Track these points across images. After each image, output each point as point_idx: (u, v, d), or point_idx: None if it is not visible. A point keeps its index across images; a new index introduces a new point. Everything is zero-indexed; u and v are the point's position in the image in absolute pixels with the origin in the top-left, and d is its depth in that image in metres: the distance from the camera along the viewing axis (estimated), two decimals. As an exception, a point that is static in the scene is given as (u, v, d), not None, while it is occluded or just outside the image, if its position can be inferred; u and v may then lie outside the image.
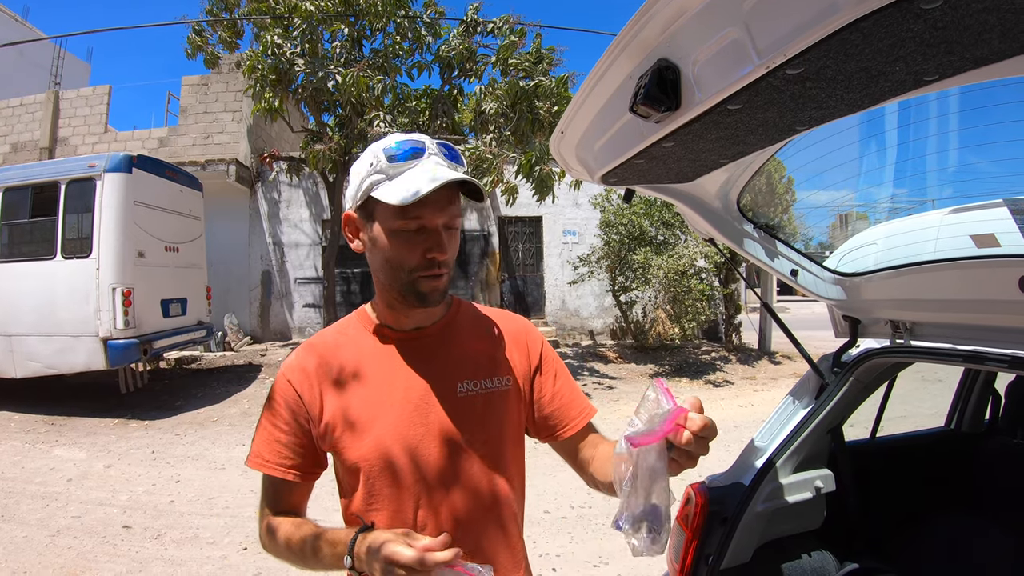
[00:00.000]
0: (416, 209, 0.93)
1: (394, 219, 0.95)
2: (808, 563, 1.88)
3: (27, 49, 16.30)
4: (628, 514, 0.82)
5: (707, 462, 0.88)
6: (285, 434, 1.03)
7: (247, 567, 3.39)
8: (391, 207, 0.94)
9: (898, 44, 0.67)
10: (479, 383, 1.07)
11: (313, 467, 1.06)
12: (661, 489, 0.81)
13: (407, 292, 1.00)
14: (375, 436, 1.00)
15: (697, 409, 0.81)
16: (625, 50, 0.92)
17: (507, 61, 8.33)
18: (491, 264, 12.17)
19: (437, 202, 0.94)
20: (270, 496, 1.06)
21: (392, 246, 0.97)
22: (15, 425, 6.55)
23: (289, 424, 1.03)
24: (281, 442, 1.03)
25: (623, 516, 0.82)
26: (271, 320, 12.13)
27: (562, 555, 3.51)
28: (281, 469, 1.03)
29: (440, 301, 1.03)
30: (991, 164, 1.61)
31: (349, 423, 1.00)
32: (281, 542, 1.01)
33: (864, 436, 2.37)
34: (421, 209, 0.93)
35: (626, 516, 0.82)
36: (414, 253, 0.97)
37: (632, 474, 0.81)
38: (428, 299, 1.00)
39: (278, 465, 1.03)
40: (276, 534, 1.02)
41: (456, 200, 0.99)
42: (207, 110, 11.76)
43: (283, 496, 1.06)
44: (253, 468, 1.04)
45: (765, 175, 1.67)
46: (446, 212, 0.96)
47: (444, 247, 0.97)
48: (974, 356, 1.50)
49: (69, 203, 6.89)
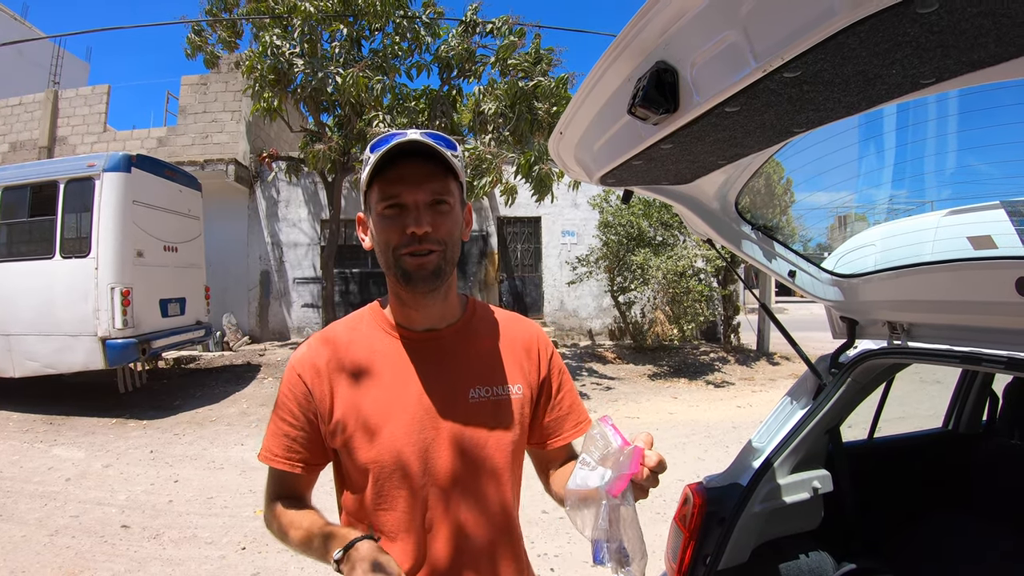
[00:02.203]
0: (393, 186, 0.97)
1: (379, 202, 0.99)
2: (806, 563, 1.89)
3: (26, 48, 16.29)
4: (607, 551, 0.85)
5: (705, 462, 0.90)
6: (292, 427, 1.04)
7: (245, 566, 3.39)
8: (377, 193, 0.98)
9: (895, 48, 0.68)
10: (490, 390, 1.07)
11: (320, 459, 1.07)
12: (633, 520, 0.85)
13: (396, 272, 1.01)
14: (387, 439, 1.00)
15: (649, 445, 0.87)
16: (624, 52, 0.92)
17: (506, 61, 8.33)
18: (490, 264, 12.17)
19: (412, 178, 0.97)
20: (276, 485, 1.08)
21: (379, 229, 1.00)
22: (13, 424, 6.54)
23: (297, 418, 1.04)
24: (289, 436, 1.04)
25: (602, 553, 0.85)
26: (270, 320, 12.12)
27: (560, 555, 3.52)
28: (288, 463, 1.04)
29: (431, 282, 1.00)
30: (990, 166, 1.62)
31: (361, 423, 1.01)
32: (284, 525, 1.03)
33: (862, 437, 2.38)
34: (397, 186, 0.97)
35: (606, 552, 0.85)
36: (395, 231, 0.98)
37: (607, 517, 0.84)
38: (413, 277, 0.99)
39: (285, 459, 1.04)
40: (280, 518, 1.04)
41: (438, 177, 0.99)
42: (206, 110, 11.76)
43: (288, 486, 1.08)
44: (262, 462, 1.05)
45: (764, 177, 1.68)
46: (424, 188, 0.97)
47: (420, 221, 0.96)
48: (971, 357, 1.51)
49: (68, 202, 6.88)
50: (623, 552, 0.84)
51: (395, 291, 1.07)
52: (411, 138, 0.95)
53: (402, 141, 0.95)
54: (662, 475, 0.86)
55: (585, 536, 0.87)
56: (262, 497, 1.11)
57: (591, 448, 0.89)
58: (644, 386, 8.74)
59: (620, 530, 0.84)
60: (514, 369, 1.12)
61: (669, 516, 1.87)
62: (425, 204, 0.98)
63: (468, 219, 1.10)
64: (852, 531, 2.05)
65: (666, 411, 7.25)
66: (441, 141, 0.99)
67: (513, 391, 1.10)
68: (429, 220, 0.97)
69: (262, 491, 1.12)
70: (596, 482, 0.86)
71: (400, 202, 0.98)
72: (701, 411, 7.25)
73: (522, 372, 1.12)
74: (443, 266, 1.01)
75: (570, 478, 0.90)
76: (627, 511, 0.84)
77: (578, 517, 0.88)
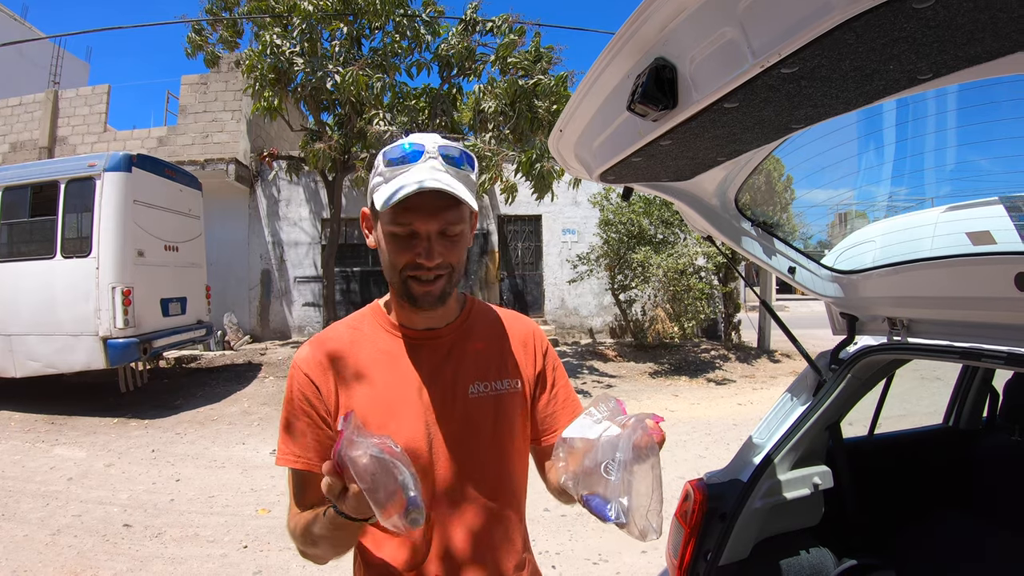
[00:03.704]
0: (406, 215, 0.95)
1: (389, 222, 0.97)
2: (806, 559, 1.89)
3: (26, 48, 16.30)
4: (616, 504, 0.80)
5: (706, 459, 0.89)
6: (306, 425, 1.02)
7: (247, 565, 3.40)
8: (388, 213, 0.95)
9: (891, 43, 0.68)
10: (490, 384, 1.09)
11: None
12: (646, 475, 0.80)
13: (401, 292, 1.02)
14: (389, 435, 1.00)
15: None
16: (623, 49, 0.92)
17: (506, 60, 8.34)
18: (490, 263, 12.17)
19: (426, 208, 0.94)
20: (298, 489, 1.03)
21: (387, 247, 1.00)
22: (15, 424, 6.55)
23: (309, 415, 1.02)
24: (305, 434, 1.02)
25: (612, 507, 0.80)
26: (271, 319, 12.13)
27: (562, 553, 3.52)
28: (305, 461, 1.01)
29: (436, 305, 1.02)
30: (988, 162, 1.62)
31: (364, 421, 1.00)
32: (300, 528, 0.98)
33: (863, 434, 2.38)
34: (411, 215, 0.95)
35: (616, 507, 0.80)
36: (404, 256, 0.98)
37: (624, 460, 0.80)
38: (419, 302, 1.01)
39: (304, 458, 1.01)
40: (296, 523, 0.99)
41: (453, 207, 0.97)
42: (206, 109, 11.76)
43: (308, 489, 1.02)
44: (279, 465, 1.03)
45: (764, 174, 1.68)
46: (438, 219, 0.96)
47: (431, 254, 0.96)
48: (970, 353, 1.51)
49: (69, 202, 6.89)
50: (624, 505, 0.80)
51: (397, 297, 1.08)
52: (431, 187, 0.91)
53: (424, 189, 0.91)
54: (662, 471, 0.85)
55: (569, 489, 0.86)
56: (263, 496, 1.10)
57: (600, 406, 0.88)
58: (645, 384, 8.75)
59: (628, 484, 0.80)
60: (512, 364, 1.13)
61: (670, 512, 1.87)
62: (437, 234, 0.97)
63: (474, 224, 1.10)
64: (852, 527, 2.06)
65: (667, 409, 7.25)
66: (462, 165, 0.98)
67: (513, 385, 1.11)
68: (440, 251, 0.98)
69: (263, 490, 1.11)
70: (595, 434, 0.85)
71: (412, 229, 0.97)
72: (702, 409, 7.26)
73: (520, 367, 1.14)
74: (448, 289, 1.02)
75: (569, 427, 0.89)
76: (637, 467, 0.80)
77: (567, 467, 0.87)
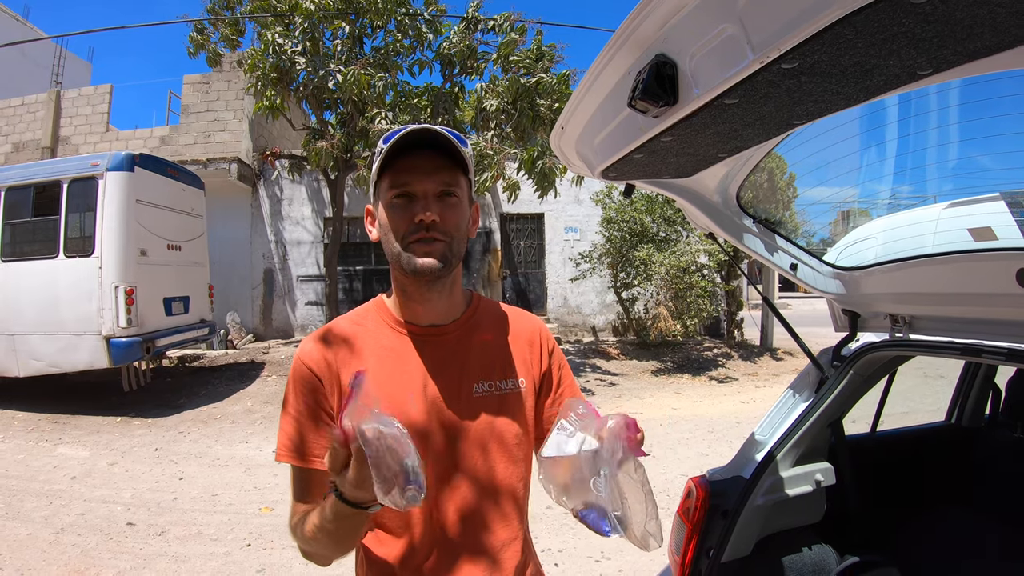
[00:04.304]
0: (402, 176, 0.99)
1: (388, 192, 1.00)
2: (808, 556, 1.89)
3: (28, 49, 16.30)
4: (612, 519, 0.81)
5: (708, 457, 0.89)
6: (308, 419, 1.00)
7: (250, 563, 3.41)
8: (387, 181, 1.00)
9: (891, 38, 0.68)
10: (494, 384, 1.08)
11: None
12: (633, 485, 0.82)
13: (403, 262, 1.00)
14: None
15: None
16: (623, 46, 0.93)
17: (508, 58, 8.32)
18: (493, 261, 12.17)
19: (422, 168, 0.99)
20: (298, 488, 1.02)
21: (388, 218, 1.01)
22: (19, 423, 6.58)
23: (311, 409, 1.01)
24: (307, 429, 1.00)
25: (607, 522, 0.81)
26: (273, 318, 12.15)
27: (564, 551, 3.53)
28: (307, 459, 0.99)
29: (436, 273, 1.00)
30: (989, 157, 1.62)
31: None
32: (301, 526, 0.96)
33: (865, 431, 2.38)
34: (407, 176, 0.99)
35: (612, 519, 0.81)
36: (404, 220, 0.99)
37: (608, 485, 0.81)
38: (421, 271, 0.99)
39: (304, 455, 1.00)
40: (300, 523, 0.97)
41: (448, 169, 1.01)
42: (209, 108, 11.78)
43: (310, 486, 1.01)
44: (279, 461, 1.02)
45: (767, 171, 1.68)
46: (433, 178, 0.99)
47: (429, 208, 0.98)
48: (972, 349, 1.51)
49: (71, 202, 6.91)
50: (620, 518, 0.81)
51: (400, 284, 1.07)
52: (424, 126, 0.97)
53: (416, 128, 0.96)
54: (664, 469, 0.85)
55: (563, 504, 0.85)
56: (266, 494, 1.09)
57: (570, 416, 0.87)
58: (647, 382, 8.75)
59: (619, 497, 0.81)
60: (518, 363, 1.12)
61: (672, 510, 1.87)
62: (434, 194, 1.00)
63: (475, 218, 1.11)
64: (855, 524, 2.06)
65: (669, 407, 7.25)
66: (452, 135, 1.00)
67: (518, 385, 1.10)
68: (437, 210, 0.99)
69: (267, 488, 1.10)
70: (574, 449, 0.84)
71: (409, 191, 0.99)
72: (704, 406, 7.25)
73: (525, 366, 1.13)
74: (448, 256, 1.01)
75: (544, 445, 0.87)
76: (624, 478, 0.82)
77: (553, 485, 0.86)
